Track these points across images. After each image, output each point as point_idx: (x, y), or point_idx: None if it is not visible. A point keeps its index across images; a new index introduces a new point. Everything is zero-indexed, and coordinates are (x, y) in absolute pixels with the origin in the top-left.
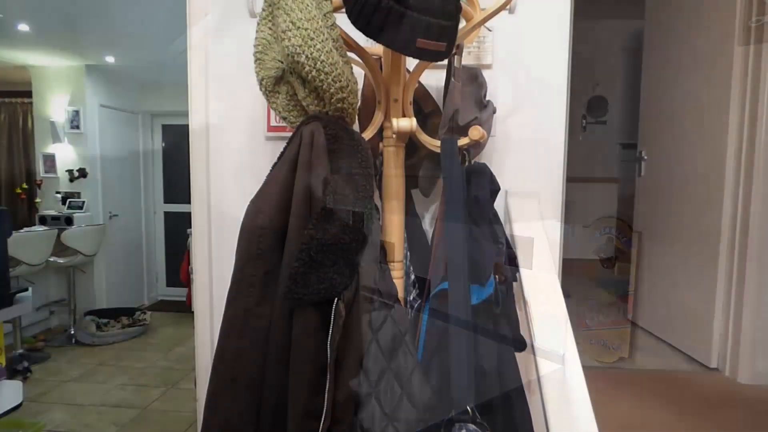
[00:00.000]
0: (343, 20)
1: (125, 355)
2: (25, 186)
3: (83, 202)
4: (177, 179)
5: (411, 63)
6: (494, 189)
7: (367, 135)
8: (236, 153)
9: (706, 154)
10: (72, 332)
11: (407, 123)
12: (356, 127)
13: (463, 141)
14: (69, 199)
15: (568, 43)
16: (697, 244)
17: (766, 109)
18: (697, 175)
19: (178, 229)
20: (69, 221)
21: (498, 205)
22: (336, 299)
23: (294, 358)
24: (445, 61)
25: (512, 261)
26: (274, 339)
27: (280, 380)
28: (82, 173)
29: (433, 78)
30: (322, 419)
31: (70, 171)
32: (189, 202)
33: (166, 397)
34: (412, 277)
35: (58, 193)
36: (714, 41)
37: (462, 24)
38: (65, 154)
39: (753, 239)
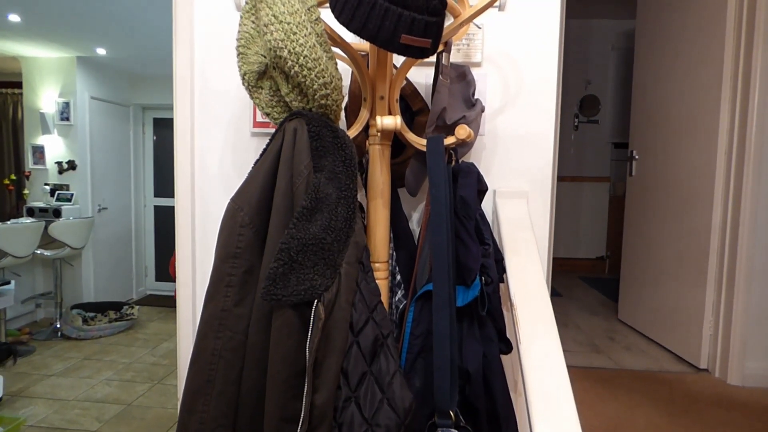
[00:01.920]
0: (328, 15)
1: (111, 350)
2: (13, 177)
3: (72, 194)
4: (168, 173)
5: (398, 60)
6: (482, 189)
7: (352, 132)
8: (221, 148)
9: (697, 153)
10: (58, 326)
11: (391, 121)
12: (343, 124)
13: (449, 140)
14: (58, 191)
15: (558, 40)
16: (687, 243)
17: (757, 108)
18: (687, 174)
19: (167, 223)
20: (57, 213)
21: (486, 205)
22: (316, 301)
23: (272, 361)
24: (434, 59)
25: (499, 262)
26: (252, 340)
27: (257, 383)
28: (72, 165)
29: (422, 75)
30: (300, 424)
31: (59, 163)
32: None
33: (152, 393)
34: (398, 277)
35: (46, 184)
36: (704, 41)
37: (450, 20)
38: (55, 146)
39: (743, 239)
